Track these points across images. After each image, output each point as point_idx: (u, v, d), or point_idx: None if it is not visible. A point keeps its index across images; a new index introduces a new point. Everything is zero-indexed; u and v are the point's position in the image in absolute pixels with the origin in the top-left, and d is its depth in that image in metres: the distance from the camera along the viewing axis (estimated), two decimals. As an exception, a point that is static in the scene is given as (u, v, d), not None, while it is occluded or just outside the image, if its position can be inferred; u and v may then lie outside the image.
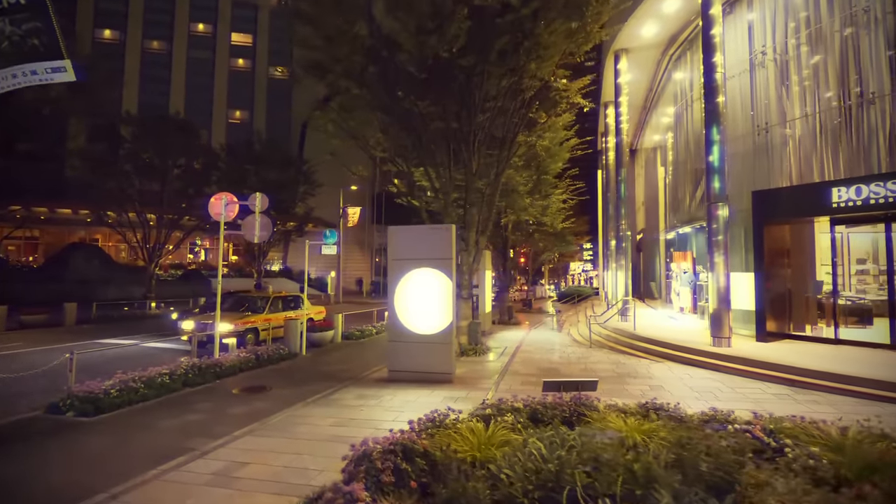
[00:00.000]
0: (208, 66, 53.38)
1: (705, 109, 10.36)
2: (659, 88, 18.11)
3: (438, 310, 8.51)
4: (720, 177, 10.10)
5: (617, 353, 11.09)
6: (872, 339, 9.56)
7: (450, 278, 8.55)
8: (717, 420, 4.29)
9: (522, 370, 9.41)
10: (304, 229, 37.58)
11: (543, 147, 16.81)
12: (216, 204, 9.52)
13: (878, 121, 9.09)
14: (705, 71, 10.41)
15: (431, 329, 8.52)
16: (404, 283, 8.68)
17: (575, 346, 12.70)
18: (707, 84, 10.33)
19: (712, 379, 8.25)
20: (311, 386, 8.49)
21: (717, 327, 9.87)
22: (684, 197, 15.63)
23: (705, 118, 10.35)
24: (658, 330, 12.18)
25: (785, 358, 8.42)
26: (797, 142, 10.46)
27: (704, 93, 10.44)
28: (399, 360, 8.66)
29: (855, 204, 8.93)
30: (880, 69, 9.18)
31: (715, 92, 10.19)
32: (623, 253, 15.21)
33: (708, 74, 10.31)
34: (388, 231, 8.95)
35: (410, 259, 8.71)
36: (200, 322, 12.28)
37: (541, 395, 5.19)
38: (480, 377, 8.85)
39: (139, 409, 7.01)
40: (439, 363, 8.49)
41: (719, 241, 9.99)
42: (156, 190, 28.03)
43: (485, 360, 10.60)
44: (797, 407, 6.49)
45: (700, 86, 13.71)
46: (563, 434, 3.71)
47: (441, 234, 8.65)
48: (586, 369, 9.35)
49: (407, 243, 8.79)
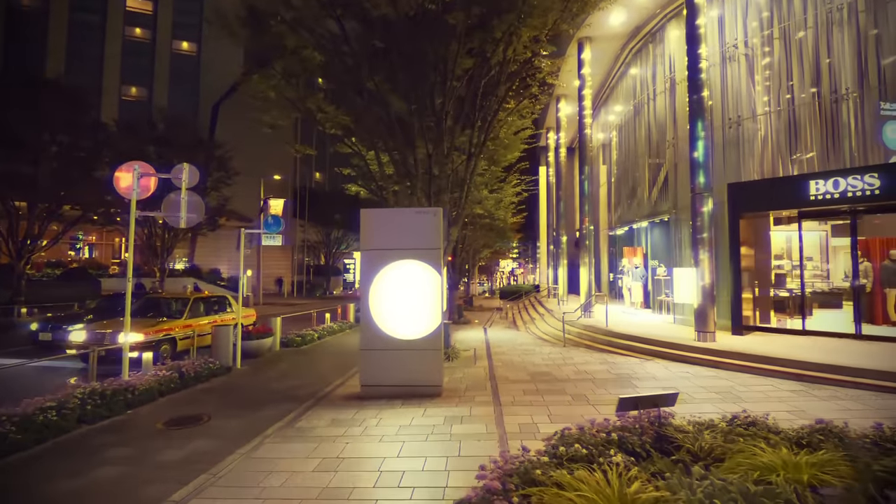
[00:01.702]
0: (97, 32, 45.91)
1: (689, 102, 10.03)
2: (611, 84, 18.14)
3: (424, 310, 7.09)
4: (705, 171, 9.80)
5: (598, 351, 10.43)
6: (839, 328, 9.82)
7: (438, 272, 7.17)
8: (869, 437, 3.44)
9: (511, 376, 8.30)
10: (216, 223, 33.39)
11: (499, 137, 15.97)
12: (124, 177, 7.20)
13: (851, 115, 9.31)
14: (689, 63, 10.07)
15: (416, 333, 7.07)
16: (381, 278, 7.14)
17: (546, 345, 11.91)
18: (691, 77, 10.00)
19: (717, 377, 7.76)
20: (264, 411, 6.64)
21: (701, 322, 9.55)
22: (640, 193, 15.65)
23: (689, 112, 10.02)
24: (628, 326, 11.79)
25: (783, 352, 8.19)
26: (773, 135, 10.52)
27: (689, 86, 10.11)
28: (375, 372, 7.09)
29: (832, 197, 9.03)
30: (854, 64, 9.40)
31: (699, 85, 9.87)
32: (586, 250, 14.83)
33: (692, 66, 9.99)
34: (360, 216, 7.33)
35: (389, 249, 7.18)
36: (95, 332, 9.61)
37: (599, 417, 4.08)
38: (470, 387, 7.57)
39: (11, 464, 4.77)
40: (426, 374, 7.07)
41: (704, 237, 9.68)
42: (29, 172, 22.85)
43: (462, 365, 9.34)
44: (825, 405, 6.06)
45: (665, 79, 13.70)
46: (730, 486, 2.57)
47: (427, 219, 7.23)
48: (579, 371, 8.48)
49: (384, 230, 7.25)
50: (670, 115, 13.25)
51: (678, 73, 12.83)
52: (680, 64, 12.84)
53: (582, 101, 15.35)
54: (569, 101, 19.82)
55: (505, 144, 17.01)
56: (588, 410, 6.10)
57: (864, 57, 9.36)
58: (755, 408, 6.07)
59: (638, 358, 9.48)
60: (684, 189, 12.55)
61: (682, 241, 12.50)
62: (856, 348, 8.47)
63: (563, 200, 20.91)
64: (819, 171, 9.55)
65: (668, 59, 13.26)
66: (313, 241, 53.59)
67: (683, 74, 12.70)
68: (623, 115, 17.92)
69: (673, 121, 13.15)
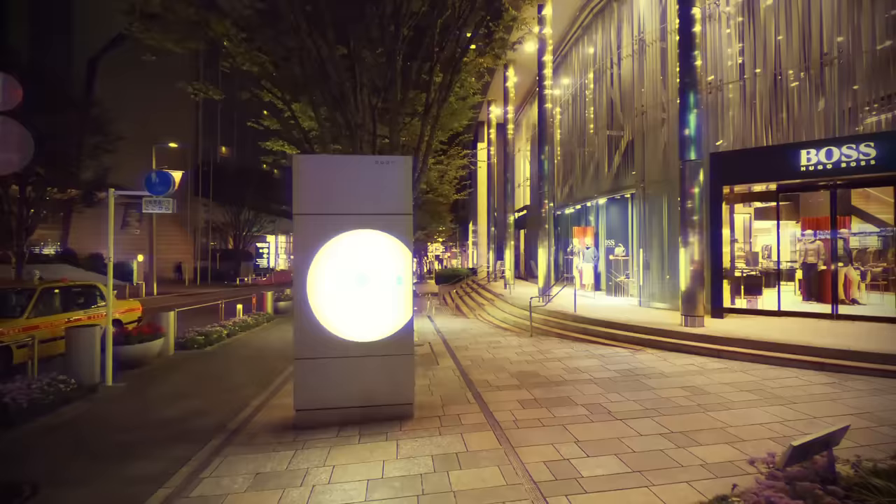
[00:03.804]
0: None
1: (680, 67, 8.83)
2: (563, 51, 16.86)
3: (389, 300, 5.04)
4: (696, 145, 8.68)
5: (574, 341, 9.06)
6: (814, 310, 9.37)
7: (407, 245, 5.14)
8: None
9: (492, 380, 6.55)
10: (94, 198, 27.67)
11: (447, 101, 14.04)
12: None
13: (843, 79, 8.67)
14: (681, 24, 8.85)
15: (378, 332, 5.01)
16: (325, 256, 4.95)
17: (509, 334, 10.36)
18: (683, 39, 8.79)
19: (729, 369, 6.64)
20: (139, 464, 4.22)
21: (690, 306, 8.51)
22: (596, 168, 14.60)
23: (680, 80, 8.82)
24: (596, 310, 10.61)
25: (792, 337, 7.31)
26: (759, 100, 9.69)
27: (679, 51, 8.91)
28: (316, 391, 4.93)
29: (825, 168, 8.34)
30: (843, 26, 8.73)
31: (691, 46, 8.69)
32: (545, 232, 13.45)
33: (684, 28, 8.78)
34: (293, 164, 5.03)
35: (338, 214, 4.99)
36: None
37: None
38: (447, 400, 5.69)
39: None
40: (392, 389, 5.06)
41: (694, 216, 8.61)
42: None
43: (421, 365, 7.42)
44: (876, 401, 5.07)
45: (633, 41, 12.54)
46: None
47: (391, 172, 5.13)
48: (570, 368, 6.97)
49: (330, 186, 5.02)
50: (638, 80, 12.18)
51: (649, 34, 11.73)
52: (650, 25, 11.75)
53: (542, 68, 13.80)
54: (518, 68, 18.33)
55: (452, 110, 15.10)
56: (622, 429, 4.53)
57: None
58: (809, 410, 4.91)
59: (624, 348, 8.22)
60: (654, 161, 11.59)
61: (652, 217, 11.55)
62: (848, 329, 7.88)
63: (509, 183, 19.55)
64: (808, 140, 8.85)
65: (636, 20, 12.11)
66: (220, 222, 48.04)
67: (655, 35, 11.69)
68: (573, 86, 16.79)
69: (640, 87, 12.09)
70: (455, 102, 14.99)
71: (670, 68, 11.10)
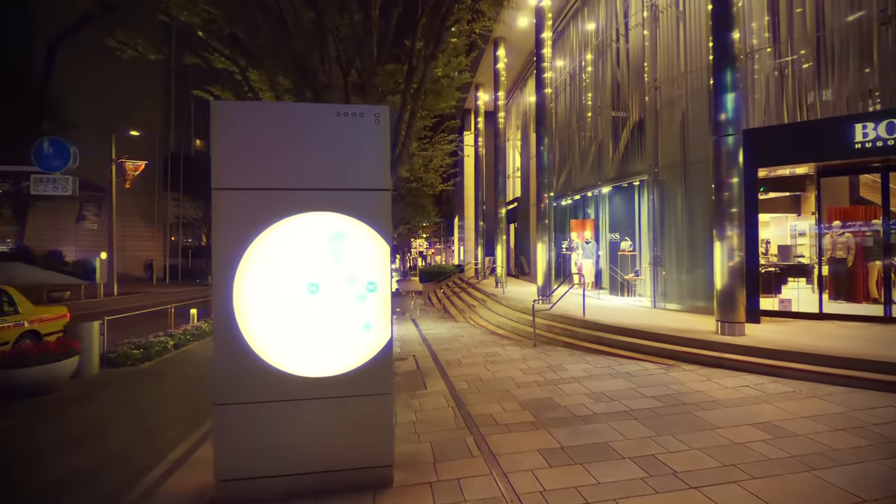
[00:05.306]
0: None
1: (714, 44, 7.38)
2: (558, 30, 15.33)
3: (357, 316, 3.45)
4: (734, 126, 7.23)
5: (587, 352, 7.59)
6: (860, 312, 8.09)
7: (383, 235, 3.54)
8: None
9: (498, 414, 5.00)
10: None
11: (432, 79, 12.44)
12: None
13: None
14: None
15: (339, 363, 3.41)
16: (259, 252, 3.33)
17: (508, 343, 8.83)
18: (717, 10, 7.34)
19: (798, 394, 5.22)
20: None
21: (728, 310, 7.10)
22: (599, 154, 13.14)
23: (714, 56, 7.37)
24: (607, 314, 9.18)
25: (852, 348, 5.98)
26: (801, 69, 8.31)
27: (713, 25, 7.45)
28: (246, 452, 3.31)
29: (886, 144, 7.01)
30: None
31: (730, 21, 7.24)
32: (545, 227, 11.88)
33: None
34: (212, 113, 3.38)
35: (278, 189, 3.38)
36: None
37: None
38: (441, 452, 4.12)
39: None
40: (361, 444, 3.46)
41: (732, 207, 7.19)
42: None
43: (405, 389, 5.84)
44: None
45: (642, 8, 11.10)
46: None
47: (359, 127, 3.52)
48: (596, 394, 5.47)
49: (268, 147, 3.39)
50: (651, 52, 10.74)
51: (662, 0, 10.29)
52: (664, -12, 10.30)
53: (541, 46, 12.22)
54: (509, 47, 16.79)
55: (437, 89, 13.48)
56: None
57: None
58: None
59: (652, 363, 6.77)
60: (670, 142, 10.18)
61: (666, 207, 10.16)
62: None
63: (500, 175, 18.02)
64: (864, 111, 7.51)
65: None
66: (192, 218, 45.62)
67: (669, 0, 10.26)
68: (570, 66, 15.31)
69: (654, 59, 10.66)
70: (442, 79, 13.41)
71: (689, 36, 9.70)
